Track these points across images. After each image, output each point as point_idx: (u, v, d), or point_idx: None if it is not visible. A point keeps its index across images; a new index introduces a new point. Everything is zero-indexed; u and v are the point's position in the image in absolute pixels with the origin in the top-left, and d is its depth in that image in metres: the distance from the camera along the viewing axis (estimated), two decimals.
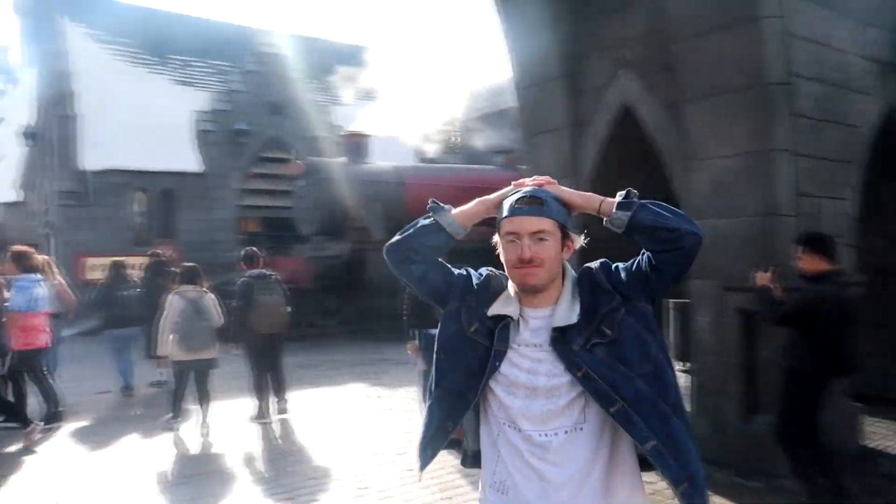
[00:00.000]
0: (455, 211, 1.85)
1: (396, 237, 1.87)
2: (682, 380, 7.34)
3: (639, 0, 5.70)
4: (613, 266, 1.79)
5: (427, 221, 1.85)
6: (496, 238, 1.80)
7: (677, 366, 8.18)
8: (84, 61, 18.26)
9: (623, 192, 1.74)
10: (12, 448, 6.24)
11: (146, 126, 17.41)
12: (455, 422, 1.82)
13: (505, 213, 1.76)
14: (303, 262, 13.96)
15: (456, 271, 1.89)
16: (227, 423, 6.89)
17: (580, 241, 1.81)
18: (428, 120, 16.33)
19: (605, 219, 1.75)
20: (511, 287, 1.80)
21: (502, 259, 1.78)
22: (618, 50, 5.89)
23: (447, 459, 4.50)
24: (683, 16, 5.13)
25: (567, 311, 1.71)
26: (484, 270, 1.90)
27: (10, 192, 27.49)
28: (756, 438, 4.77)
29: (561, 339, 1.70)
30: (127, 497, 4.91)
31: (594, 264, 1.81)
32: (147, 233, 17.79)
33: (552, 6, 6.32)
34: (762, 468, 4.70)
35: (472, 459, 1.91)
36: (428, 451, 1.88)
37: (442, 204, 1.88)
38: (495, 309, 1.77)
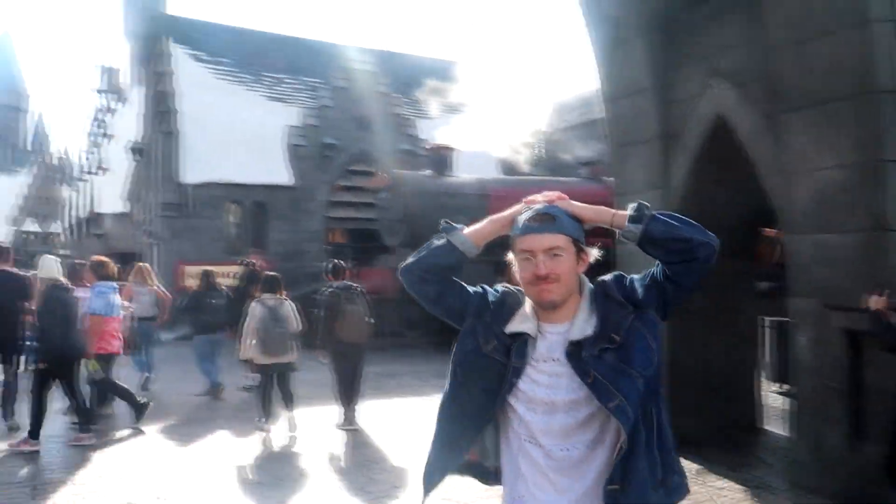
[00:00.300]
0: (468, 230, 1.88)
1: (410, 259, 1.90)
2: (780, 402, 7.02)
3: (734, 7, 5.52)
4: (627, 279, 1.82)
5: (440, 242, 1.87)
6: (510, 255, 1.81)
7: (773, 387, 7.81)
8: (186, 81, 19.35)
9: (634, 205, 1.75)
10: (108, 443, 6.63)
11: (241, 141, 18.25)
12: (469, 441, 1.82)
13: (518, 231, 1.78)
14: (387, 272, 14.19)
15: (471, 289, 1.91)
16: (314, 428, 7.09)
17: (595, 254, 1.82)
18: (513, 132, 16.34)
19: (618, 232, 1.77)
20: (528, 303, 1.81)
21: (517, 276, 1.79)
22: (711, 59, 5.72)
23: None
24: (784, 22, 4.93)
25: (583, 325, 1.73)
26: (500, 287, 1.92)
27: (117, 204, 29.44)
28: (862, 468, 4.47)
29: (576, 351, 1.71)
30: (215, 497, 5.12)
31: (608, 277, 1.83)
32: (240, 243, 18.58)
33: (642, 16, 6.21)
34: (868, 501, 4.40)
35: (494, 476, 1.89)
36: (436, 476, 1.88)
37: (454, 224, 1.90)
38: (513, 326, 1.79)
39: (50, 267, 7.09)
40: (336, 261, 7.98)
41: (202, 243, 17.88)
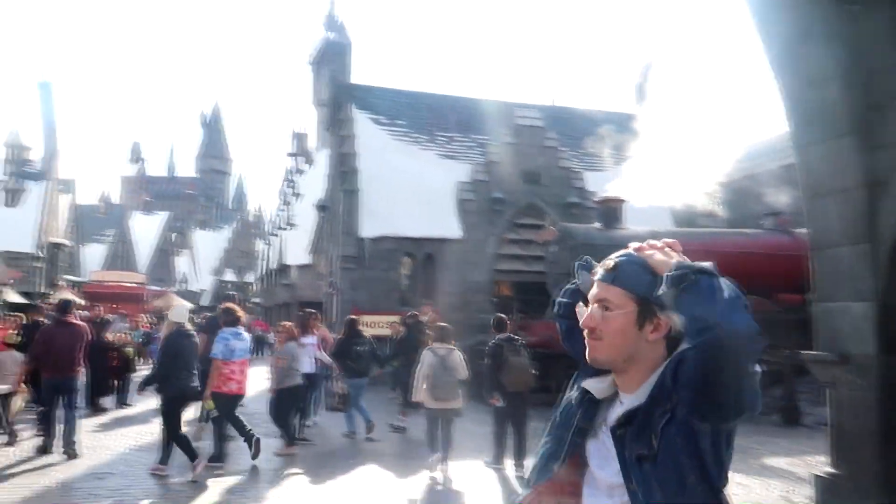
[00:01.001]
0: None
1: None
2: None
3: None
4: None
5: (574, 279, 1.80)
6: None
7: None
8: (367, 142, 20.81)
9: (677, 262, 1.42)
10: (278, 480, 7.03)
11: (415, 197, 19.17)
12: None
13: None
14: (555, 326, 13.99)
15: None
16: (476, 477, 7.31)
17: (677, 322, 1.43)
18: (691, 181, 15.69)
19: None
20: None
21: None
22: None
23: None
24: None
25: (633, 404, 1.48)
26: None
27: (303, 256, 32.00)
28: None
29: (622, 435, 1.46)
30: None
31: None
32: (411, 294, 19.31)
33: (838, 53, 5.74)
34: None
35: None
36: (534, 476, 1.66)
37: (593, 262, 1.72)
38: (587, 381, 1.61)
39: (180, 313, 7.87)
40: (500, 314, 8.39)
41: (377, 294, 18.82)
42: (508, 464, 7.51)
